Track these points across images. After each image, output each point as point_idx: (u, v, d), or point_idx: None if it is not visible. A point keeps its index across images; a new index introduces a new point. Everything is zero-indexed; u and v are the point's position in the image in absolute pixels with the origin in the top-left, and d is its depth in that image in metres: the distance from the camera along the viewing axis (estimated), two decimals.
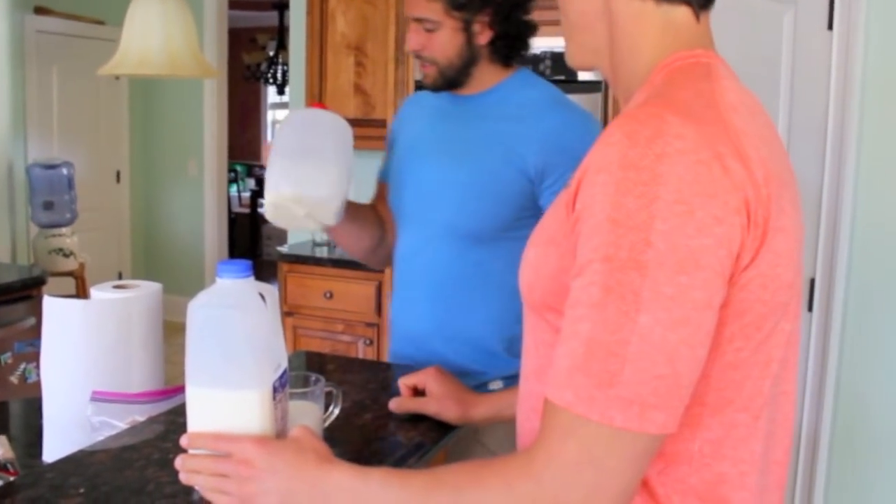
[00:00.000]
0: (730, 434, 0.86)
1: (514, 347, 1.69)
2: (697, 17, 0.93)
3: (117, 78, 5.74)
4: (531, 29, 1.68)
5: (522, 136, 1.61)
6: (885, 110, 2.65)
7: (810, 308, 2.79)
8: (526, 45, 1.70)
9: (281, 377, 1.05)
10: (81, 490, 1.08)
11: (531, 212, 1.61)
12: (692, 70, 0.90)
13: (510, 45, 1.67)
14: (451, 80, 1.66)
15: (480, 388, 1.67)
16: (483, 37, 1.63)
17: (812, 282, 2.78)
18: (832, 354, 2.77)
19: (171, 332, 1.71)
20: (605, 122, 3.18)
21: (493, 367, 1.71)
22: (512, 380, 1.74)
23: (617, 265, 0.76)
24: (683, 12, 0.92)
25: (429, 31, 1.60)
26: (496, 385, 1.71)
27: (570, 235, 0.84)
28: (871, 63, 2.64)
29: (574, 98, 3.13)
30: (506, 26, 1.64)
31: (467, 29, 1.61)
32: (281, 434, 1.04)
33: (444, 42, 1.61)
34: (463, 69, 1.65)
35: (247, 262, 1.03)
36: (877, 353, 2.73)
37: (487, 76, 1.67)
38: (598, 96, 3.17)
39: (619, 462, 0.77)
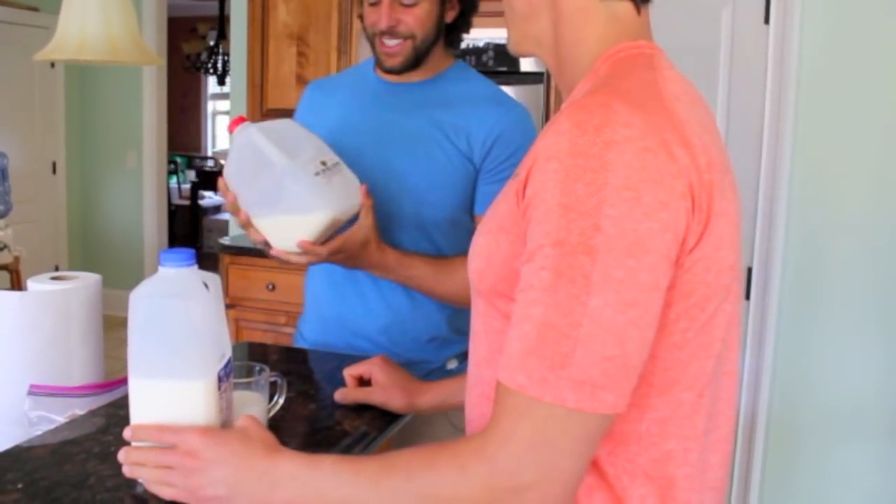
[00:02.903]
0: (675, 413, 0.88)
1: (459, 326, 1.74)
2: (639, 11, 0.96)
3: (52, 65, 5.60)
4: (476, 10, 1.72)
5: (471, 124, 1.63)
6: (820, 102, 2.72)
7: (748, 296, 2.85)
8: (470, 28, 1.73)
9: (225, 367, 1.04)
10: (20, 485, 1.05)
11: (472, 198, 1.66)
12: (636, 60, 0.92)
13: (463, 26, 1.70)
14: (420, 58, 1.64)
15: (436, 371, 1.69)
16: (451, 13, 1.66)
17: (749, 271, 2.85)
18: (769, 342, 2.84)
19: (111, 327, 1.68)
20: (547, 113, 3.21)
21: (442, 354, 1.73)
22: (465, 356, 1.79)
23: (568, 249, 0.77)
24: (626, 6, 0.95)
25: (407, 6, 1.59)
26: (452, 364, 1.75)
27: (521, 222, 0.85)
28: (806, 56, 2.71)
29: (516, 89, 3.17)
30: (466, 3, 1.67)
31: (443, 3, 1.63)
32: (226, 424, 1.04)
33: (424, 15, 1.61)
34: (431, 46, 1.65)
35: (190, 251, 1.02)
36: (812, 341, 2.81)
37: (435, 61, 1.68)
38: (541, 87, 3.20)
39: (571, 442, 0.78)
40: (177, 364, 0.99)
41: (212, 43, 8.15)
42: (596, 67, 0.93)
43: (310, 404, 1.39)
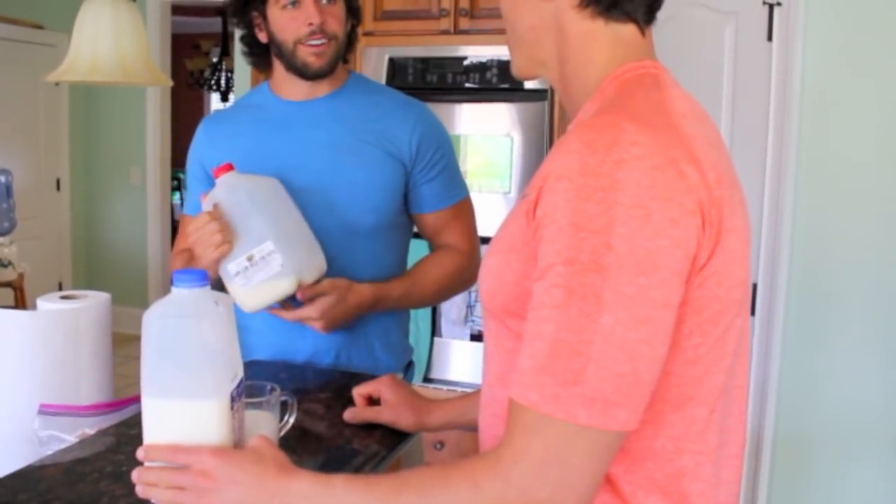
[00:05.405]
0: (689, 429, 0.89)
1: (406, 333, 1.84)
2: (643, 33, 0.97)
3: (57, 83, 5.62)
4: (359, 24, 1.80)
5: (392, 128, 1.68)
6: (822, 118, 2.73)
7: (753, 312, 2.86)
8: (356, 43, 1.80)
9: (238, 386, 1.04)
10: None
11: (404, 198, 1.73)
12: (642, 80, 0.93)
13: (354, 39, 1.77)
14: (338, 61, 1.69)
15: None
16: (348, 24, 1.72)
17: (755, 287, 2.85)
18: (775, 357, 2.84)
19: (114, 343, 1.67)
20: (551, 130, 3.21)
21: (396, 365, 1.78)
22: (408, 367, 1.86)
23: (579, 268, 0.78)
24: (630, 28, 0.96)
25: (328, 4, 1.65)
26: (399, 376, 1.75)
27: (532, 241, 0.85)
28: (808, 73, 2.72)
29: (520, 106, 3.18)
30: (356, 17, 1.76)
31: (349, 11, 1.71)
32: (238, 444, 1.04)
33: (340, 16, 1.68)
34: (342, 52, 1.71)
35: (202, 272, 1.02)
36: (817, 356, 2.81)
37: (338, 73, 1.72)
38: (545, 105, 3.21)
39: (583, 458, 0.79)
40: (190, 384, 0.99)
41: (215, 60, 8.20)
42: (602, 88, 0.94)
43: (320, 423, 1.39)
